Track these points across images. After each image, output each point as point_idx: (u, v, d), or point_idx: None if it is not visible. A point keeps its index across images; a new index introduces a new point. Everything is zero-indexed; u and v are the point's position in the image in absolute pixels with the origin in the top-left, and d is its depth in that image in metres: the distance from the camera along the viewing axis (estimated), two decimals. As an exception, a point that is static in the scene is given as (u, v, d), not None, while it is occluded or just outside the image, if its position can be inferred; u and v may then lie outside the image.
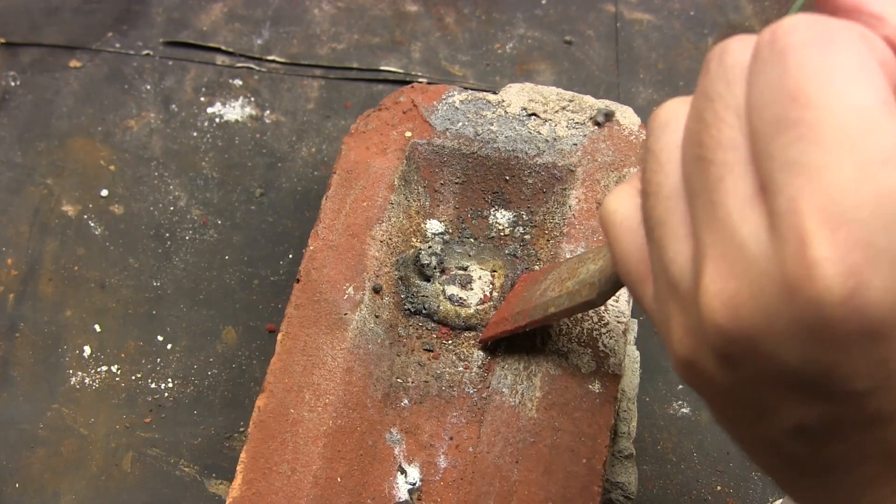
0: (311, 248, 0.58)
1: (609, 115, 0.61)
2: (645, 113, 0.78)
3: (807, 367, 0.27)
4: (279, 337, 0.55)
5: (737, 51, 0.29)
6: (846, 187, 0.25)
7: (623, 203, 0.35)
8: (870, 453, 0.29)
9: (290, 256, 0.71)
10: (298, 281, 0.57)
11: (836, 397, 0.28)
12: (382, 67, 0.81)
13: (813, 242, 0.25)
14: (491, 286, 0.59)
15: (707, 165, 0.28)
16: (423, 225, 0.62)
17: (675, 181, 0.31)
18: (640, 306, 0.35)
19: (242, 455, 0.52)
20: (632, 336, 0.62)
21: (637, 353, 0.62)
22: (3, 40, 0.82)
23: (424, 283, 0.59)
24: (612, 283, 0.46)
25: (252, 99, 0.79)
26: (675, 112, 0.32)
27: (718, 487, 0.63)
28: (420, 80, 0.80)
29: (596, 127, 0.61)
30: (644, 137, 0.33)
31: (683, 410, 0.66)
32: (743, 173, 0.27)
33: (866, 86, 0.25)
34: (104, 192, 0.74)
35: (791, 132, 0.26)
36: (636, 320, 0.64)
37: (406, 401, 0.56)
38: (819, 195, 0.25)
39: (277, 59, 0.82)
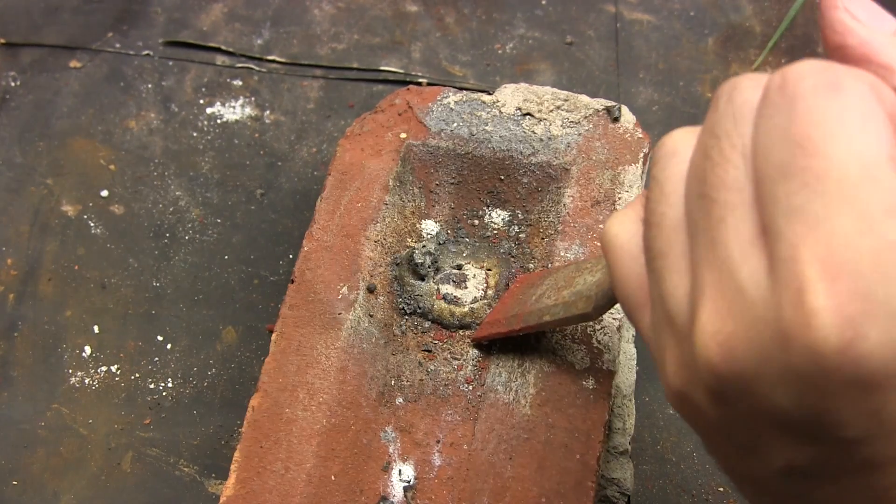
0: (306, 248, 0.58)
1: (618, 117, 0.62)
2: (645, 113, 0.78)
3: (799, 412, 0.27)
4: (273, 337, 0.55)
5: (747, 90, 0.29)
6: (847, 238, 0.25)
7: (625, 228, 0.35)
8: (858, 498, 0.29)
9: (290, 256, 0.71)
10: (293, 281, 0.57)
11: (827, 442, 0.28)
12: (382, 67, 0.81)
13: (812, 291, 0.25)
14: (485, 285, 0.60)
15: (710, 204, 0.28)
16: (418, 225, 0.62)
17: (678, 213, 0.31)
18: (637, 331, 0.35)
19: (236, 454, 0.52)
20: (629, 333, 0.62)
21: (634, 350, 0.62)
22: (3, 40, 0.82)
23: (419, 282, 0.59)
24: (608, 298, 0.45)
25: (252, 99, 0.79)
26: (682, 143, 0.32)
27: (721, 488, 0.63)
28: (420, 80, 0.80)
29: (615, 122, 0.61)
30: (651, 164, 0.33)
31: (683, 410, 0.66)
32: (745, 215, 0.28)
33: (873, 137, 0.26)
34: (104, 192, 0.74)
35: (796, 179, 0.26)
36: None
37: (401, 399, 0.56)
38: (820, 244, 0.25)
39: (277, 59, 0.82)
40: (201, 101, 0.79)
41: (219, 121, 0.78)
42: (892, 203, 0.25)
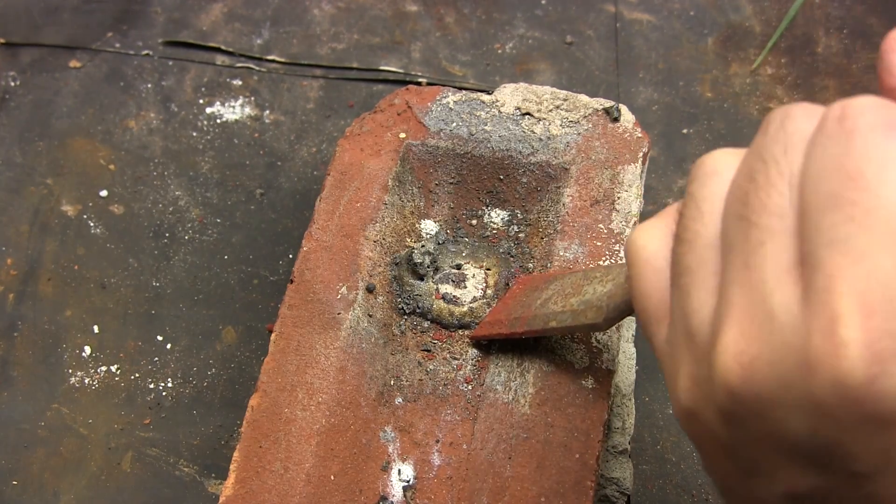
0: (305, 248, 0.58)
1: (618, 117, 0.62)
2: (645, 113, 0.78)
3: (812, 440, 0.27)
4: (272, 337, 0.55)
5: (800, 118, 0.29)
6: (887, 276, 0.25)
7: (653, 240, 0.35)
8: None
9: (290, 256, 0.71)
10: (292, 281, 0.57)
11: (833, 473, 0.28)
12: (382, 67, 0.81)
13: (845, 323, 0.25)
14: (485, 284, 0.60)
15: (750, 227, 0.28)
16: (417, 225, 0.62)
17: (713, 233, 0.31)
18: (650, 344, 0.35)
19: (236, 454, 0.52)
20: (629, 333, 0.62)
21: (633, 349, 0.62)
22: (3, 40, 0.82)
23: (418, 282, 0.59)
24: (619, 311, 0.45)
25: (252, 99, 0.79)
26: (723, 163, 0.32)
27: (719, 487, 0.63)
28: (420, 80, 0.80)
29: (614, 122, 0.61)
30: (688, 181, 0.33)
31: (683, 410, 0.66)
32: (785, 243, 0.28)
33: None
34: (104, 192, 0.74)
35: (843, 211, 0.26)
36: (633, 318, 0.64)
37: (400, 399, 0.56)
38: (859, 278, 0.25)
39: (277, 59, 0.82)
40: (201, 101, 0.79)
41: (218, 121, 0.78)
42: None
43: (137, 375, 0.66)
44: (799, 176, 0.28)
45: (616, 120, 0.61)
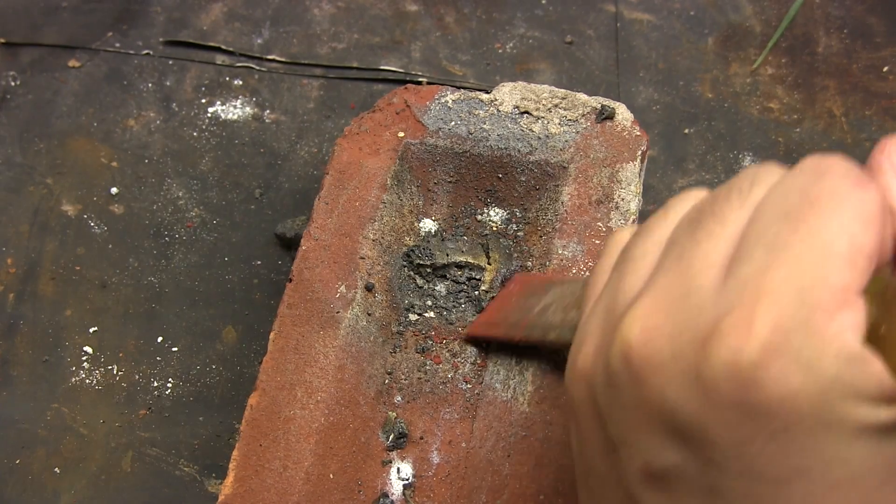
0: (304, 248, 0.58)
1: (610, 115, 0.62)
2: (645, 112, 0.78)
3: (679, 415, 0.29)
4: (271, 336, 0.55)
5: (774, 171, 0.31)
6: (807, 287, 0.27)
7: (627, 233, 0.38)
8: None
9: (290, 255, 0.71)
10: (291, 280, 0.57)
11: (690, 454, 0.30)
12: (382, 67, 0.81)
13: (760, 309, 0.27)
14: (483, 282, 0.60)
15: (696, 228, 0.31)
16: (416, 224, 0.62)
17: (666, 234, 0.34)
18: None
19: (235, 453, 0.52)
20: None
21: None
22: (3, 40, 0.82)
23: (417, 280, 0.59)
24: None
25: (252, 98, 0.79)
26: (700, 195, 0.35)
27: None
28: (420, 79, 0.80)
29: (608, 121, 0.61)
30: (672, 198, 0.37)
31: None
32: (723, 245, 0.30)
33: (871, 233, 0.28)
34: (104, 192, 0.74)
35: (791, 225, 0.28)
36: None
37: (399, 398, 0.56)
38: (783, 279, 0.28)
39: (277, 58, 0.82)
40: (201, 101, 0.79)
41: (219, 120, 0.78)
42: (845, 286, 0.27)
43: (138, 375, 0.66)
44: (756, 204, 0.30)
45: (608, 119, 0.61)
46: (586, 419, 0.34)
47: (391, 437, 0.54)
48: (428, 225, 0.62)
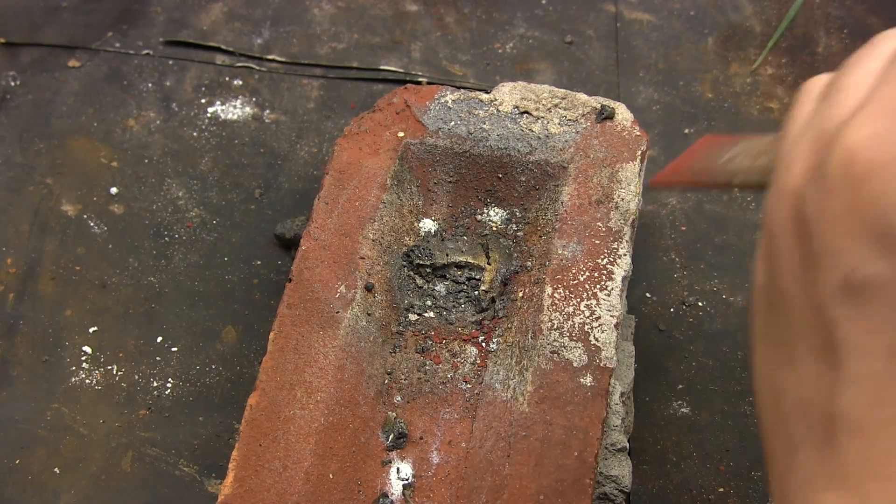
0: (303, 248, 0.58)
1: (610, 115, 0.62)
2: (645, 112, 0.78)
3: (892, 220, 0.29)
4: (271, 336, 0.55)
5: None
6: None
7: (822, 81, 0.38)
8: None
9: (290, 255, 0.71)
10: (291, 280, 0.57)
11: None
12: (382, 67, 0.81)
13: None
14: (483, 282, 0.60)
15: None
16: (416, 224, 0.62)
17: (872, 68, 0.33)
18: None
19: (234, 453, 0.52)
20: (627, 331, 0.62)
21: (632, 347, 0.62)
22: (3, 40, 0.82)
23: (417, 280, 0.59)
24: None
25: (252, 98, 0.79)
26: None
27: (721, 489, 0.62)
28: (420, 79, 0.80)
29: (608, 121, 0.61)
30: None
31: (683, 410, 0.66)
32: None
33: None
34: (104, 192, 0.74)
35: None
36: (633, 317, 0.64)
37: (399, 398, 0.56)
38: None
39: (277, 58, 0.82)
40: (201, 101, 0.79)
41: (219, 120, 0.78)
42: None
43: (138, 375, 0.66)
44: None
45: (608, 119, 0.61)
46: (786, 240, 0.34)
47: (391, 437, 0.54)
48: (428, 225, 0.62)
